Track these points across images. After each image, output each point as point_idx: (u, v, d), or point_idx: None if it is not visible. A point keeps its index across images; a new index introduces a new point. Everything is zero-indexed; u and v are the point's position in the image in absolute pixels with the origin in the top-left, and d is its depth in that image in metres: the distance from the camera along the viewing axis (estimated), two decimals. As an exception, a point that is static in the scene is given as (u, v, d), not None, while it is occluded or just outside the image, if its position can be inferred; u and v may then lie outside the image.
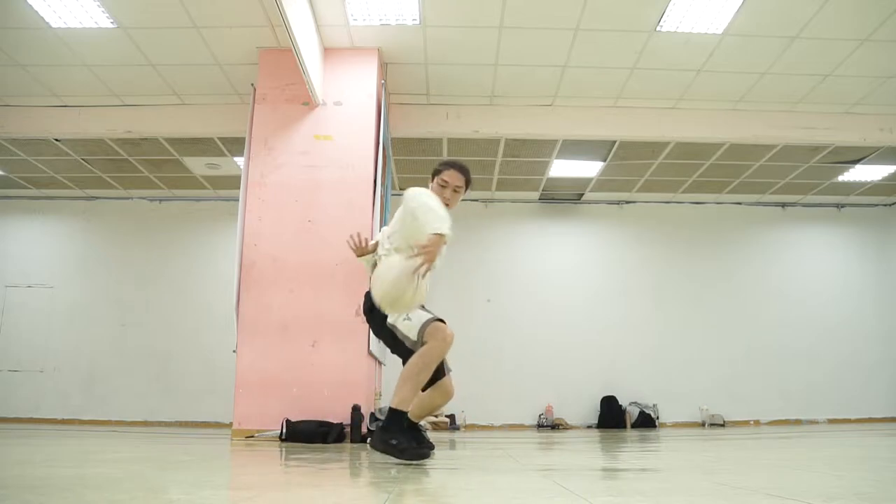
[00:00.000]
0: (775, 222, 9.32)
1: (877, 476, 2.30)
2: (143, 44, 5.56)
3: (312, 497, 1.79)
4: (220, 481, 2.29)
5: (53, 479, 2.10)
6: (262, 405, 4.93)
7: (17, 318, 8.62)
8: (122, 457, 3.17)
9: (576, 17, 5.25)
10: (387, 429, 2.74)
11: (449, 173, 3.07)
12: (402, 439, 2.71)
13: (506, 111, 6.67)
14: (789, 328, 8.90)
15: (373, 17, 5.27)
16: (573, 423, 8.39)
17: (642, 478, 2.32)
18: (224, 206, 8.69)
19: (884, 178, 8.32)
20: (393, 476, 2.32)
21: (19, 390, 8.36)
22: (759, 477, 2.27)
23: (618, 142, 7.24)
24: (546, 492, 1.91)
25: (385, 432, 2.74)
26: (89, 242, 8.94)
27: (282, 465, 3.00)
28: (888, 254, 9.29)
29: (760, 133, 6.83)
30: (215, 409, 7.94)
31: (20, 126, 6.63)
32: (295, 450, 3.89)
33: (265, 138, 5.48)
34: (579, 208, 9.27)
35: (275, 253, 5.24)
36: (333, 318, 5.11)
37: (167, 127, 6.71)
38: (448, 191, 3.05)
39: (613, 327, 8.78)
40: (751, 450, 3.98)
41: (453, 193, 3.07)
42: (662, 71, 6.05)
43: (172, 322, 8.57)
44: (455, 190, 3.07)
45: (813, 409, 8.68)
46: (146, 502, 1.63)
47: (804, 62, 5.85)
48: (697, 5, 5.09)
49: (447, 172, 3.07)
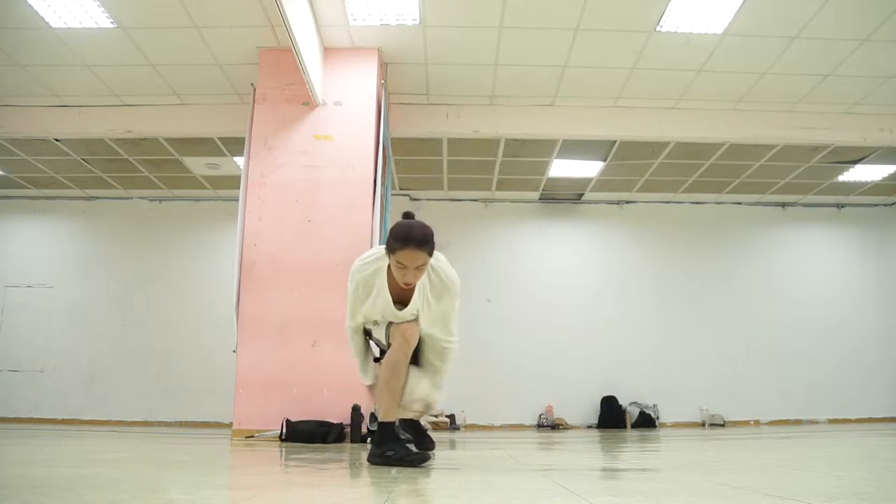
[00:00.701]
0: (775, 222, 9.33)
1: (877, 476, 2.30)
2: (143, 44, 5.56)
3: (312, 497, 1.79)
4: (220, 481, 2.29)
5: (53, 479, 2.10)
6: (262, 405, 4.93)
7: (17, 318, 8.62)
8: (122, 457, 3.17)
9: (576, 17, 5.25)
10: (379, 443, 2.70)
11: (404, 254, 2.56)
12: (397, 448, 2.66)
13: (506, 111, 6.67)
14: (789, 328, 8.90)
15: (373, 17, 5.27)
16: (573, 423, 8.40)
17: (642, 478, 2.32)
18: (224, 206, 8.69)
19: (884, 178, 8.32)
20: (393, 476, 2.32)
21: (19, 390, 8.36)
22: (759, 477, 2.27)
23: (618, 142, 7.24)
24: (546, 492, 1.91)
25: (378, 446, 2.69)
26: (89, 242, 8.94)
27: (282, 465, 3.00)
28: (888, 254, 9.29)
29: (760, 133, 6.83)
30: (215, 409, 7.94)
31: (20, 126, 6.64)
32: (295, 450, 3.89)
33: (265, 138, 5.48)
34: (579, 208, 9.27)
35: (275, 253, 5.24)
36: (333, 318, 5.09)
37: (167, 127, 6.72)
38: (409, 272, 2.61)
39: (613, 327, 8.78)
40: (751, 450, 3.98)
41: (416, 271, 2.61)
42: (662, 71, 6.05)
43: (172, 322, 8.58)
44: (418, 269, 2.61)
45: (813, 409, 8.68)
46: (146, 502, 1.63)
47: (804, 62, 5.85)
48: (697, 5, 5.09)
49: (401, 253, 2.56)
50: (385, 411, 2.73)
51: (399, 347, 2.73)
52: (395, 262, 2.61)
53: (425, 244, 2.58)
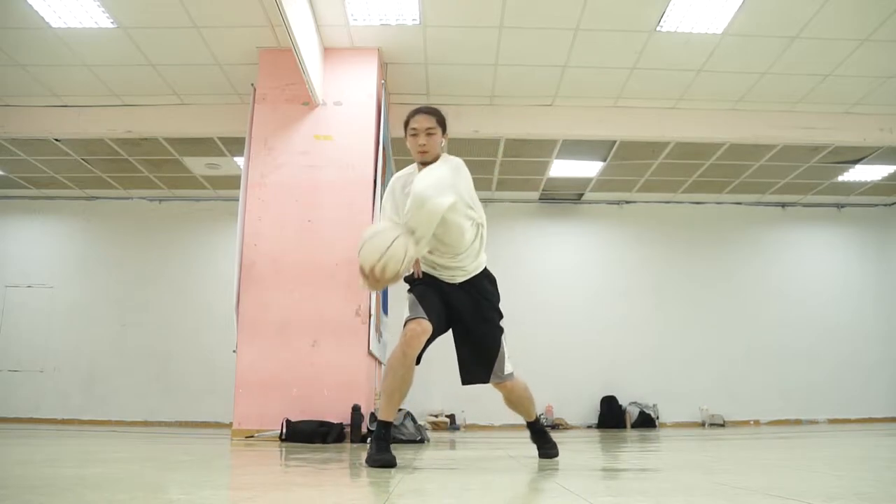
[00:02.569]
0: (775, 222, 9.33)
1: (877, 476, 2.30)
2: (143, 44, 5.56)
3: (312, 497, 1.79)
4: (220, 481, 2.29)
5: (53, 479, 2.10)
6: (262, 405, 4.93)
7: (17, 318, 8.62)
8: (122, 457, 3.17)
9: (576, 17, 5.25)
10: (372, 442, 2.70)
11: (415, 119, 2.89)
12: (373, 448, 2.64)
13: (506, 111, 6.67)
14: (789, 328, 8.90)
15: (373, 17, 5.27)
16: (573, 423, 8.39)
17: (642, 478, 2.32)
18: (224, 206, 8.69)
19: (884, 178, 8.32)
20: (393, 476, 2.32)
21: (19, 390, 8.36)
22: (759, 477, 2.27)
23: (618, 142, 7.24)
24: (546, 492, 1.91)
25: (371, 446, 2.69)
26: (89, 242, 8.94)
27: (282, 465, 3.00)
28: (888, 254, 9.29)
29: (760, 133, 6.83)
30: (215, 409, 7.94)
31: (20, 126, 6.63)
32: (295, 450, 3.89)
33: (265, 138, 5.48)
34: (579, 208, 9.27)
35: (275, 253, 5.24)
36: (333, 318, 5.11)
37: (167, 127, 6.71)
38: (421, 136, 2.86)
39: (613, 327, 8.78)
40: (751, 450, 3.98)
41: (428, 137, 2.86)
42: (662, 71, 6.05)
43: (172, 322, 8.57)
44: (428, 133, 2.86)
45: (813, 409, 8.68)
46: (146, 502, 1.63)
47: (804, 62, 5.85)
48: (697, 5, 5.09)
49: (413, 119, 2.90)
50: (381, 411, 2.74)
51: (399, 347, 2.70)
52: (409, 134, 2.90)
53: (434, 112, 2.93)
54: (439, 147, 2.93)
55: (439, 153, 2.93)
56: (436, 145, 2.90)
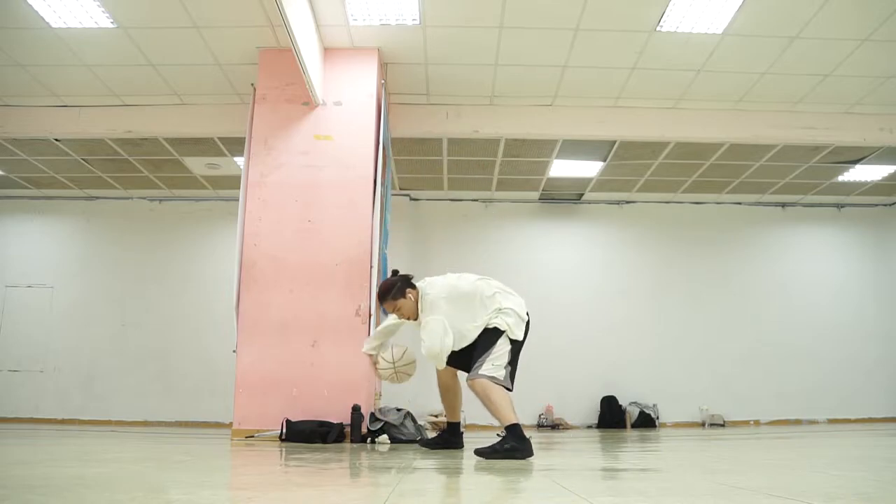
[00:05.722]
0: (775, 222, 9.32)
1: (877, 476, 2.30)
2: (143, 44, 5.56)
3: (312, 497, 1.79)
4: (220, 481, 2.29)
5: (53, 479, 2.10)
6: (262, 405, 4.93)
7: (17, 318, 8.62)
8: (122, 457, 3.17)
9: (576, 17, 5.25)
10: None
11: (382, 308, 3.88)
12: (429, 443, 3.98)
13: (506, 111, 6.67)
14: (789, 328, 8.90)
15: (373, 17, 5.27)
16: (573, 422, 8.39)
17: (642, 478, 2.32)
18: (224, 206, 8.69)
19: (884, 178, 8.31)
20: (393, 476, 2.32)
21: (19, 390, 8.35)
22: (759, 477, 2.27)
23: (618, 142, 7.24)
24: (546, 492, 1.91)
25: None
26: (89, 242, 8.94)
27: (282, 465, 3.00)
28: (888, 254, 9.29)
29: (760, 133, 6.83)
30: (215, 409, 7.94)
31: (20, 126, 6.63)
32: (295, 450, 3.89)
33: (265, 138, 5.48)
34: (579, 208, 9.27)
35: (275, 253, 5.24)
36: (333, 318, 5.11)
37: (167, 127, 6.71)
38: (396, 313, 3.71)
39: (613, 327, 8.77)
40: (751, 450, 3.98)
41: (399, 311, 3.64)
42: (662, 71, 6.05)
43: (172, 322, 8.57)
44: (397, 309, 3.64)
45: (813, 409, 8.68)
46: (146, 502, 1.63)
47: (804, 62, 5.85)
48: (697, 5, 5.09)
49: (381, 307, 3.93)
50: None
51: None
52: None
53: (384, 295, 3.65)
54: (414, 305, 3.62)
55: (417, 308, 3.62)
56: (409, 310, 3.63)
